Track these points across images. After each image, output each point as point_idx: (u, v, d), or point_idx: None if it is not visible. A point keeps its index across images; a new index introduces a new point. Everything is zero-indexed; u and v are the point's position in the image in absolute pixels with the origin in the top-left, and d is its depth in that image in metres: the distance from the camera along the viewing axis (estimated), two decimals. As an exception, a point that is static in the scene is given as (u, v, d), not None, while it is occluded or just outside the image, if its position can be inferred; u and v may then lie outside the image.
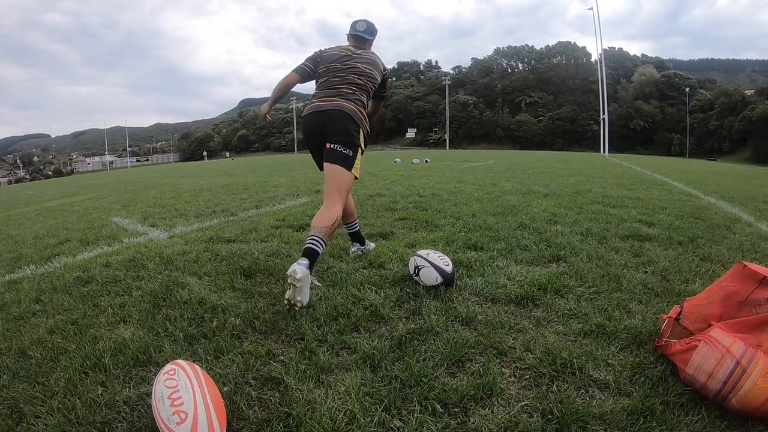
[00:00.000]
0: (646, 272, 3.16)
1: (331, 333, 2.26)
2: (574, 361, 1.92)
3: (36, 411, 1.73)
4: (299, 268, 2.49)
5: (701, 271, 3.12)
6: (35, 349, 2.24)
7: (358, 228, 3.71)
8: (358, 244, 3.73)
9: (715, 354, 1.65)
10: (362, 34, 3.45)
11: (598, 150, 44.18)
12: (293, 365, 1.97)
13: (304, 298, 2.53)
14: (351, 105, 3.12)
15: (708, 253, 3.57)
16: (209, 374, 1.79)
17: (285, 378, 1.86)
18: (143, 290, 3.01)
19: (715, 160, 55.87)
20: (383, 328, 2.33)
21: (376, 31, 3.52)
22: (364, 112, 3.22)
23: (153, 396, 1.56)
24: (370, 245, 3.82)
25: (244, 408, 1.70)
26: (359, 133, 3.14)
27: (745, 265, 1.90)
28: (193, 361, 1.90)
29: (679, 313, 2.02)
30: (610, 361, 1.95)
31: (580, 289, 2.78)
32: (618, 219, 4.96)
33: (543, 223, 4.72)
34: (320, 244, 2.79)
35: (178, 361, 1.72)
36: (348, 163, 3.10)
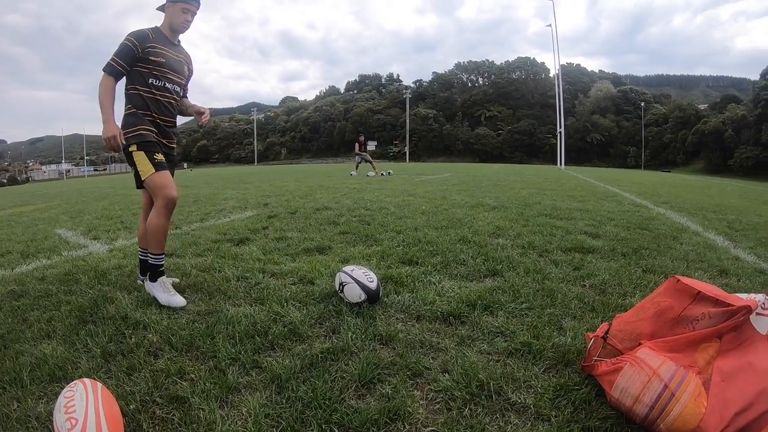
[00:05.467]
0: (584, 286, 3.11)
1: (245, 351, 2.18)
2: (492, 383, 1.83)
3: (-49, 425, 1.69)
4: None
5: (642, 284, 3.09)
6: (-41, 364, 2.16)
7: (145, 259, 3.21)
8: (144, 278, 3.21)
9: (641, 376, 1.56)
10: None
11: (556, 163, 45.00)
12: (201, 384, 1.91)
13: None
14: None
15: (651, 265, 3.58)
16: (118, 391, 1.85)
17: (191, 397, 1.81)
18: (72, 305, 2.93)
19: (669, 171, 57.67)
20: (299, 346, 2.26)
21: None
22: (127, 118, 3.07)
23: (55, 407, 1.63)
24: (157, 284, 3.04)
25: (145, 427, 1.66)
26: (127, 142, 2.99)
27: (678, 280, 1.81)
28: (105, 379, 1.97)
29: (607, 331, 1.91)
30: (532, 382, 1.87)
31: (511, 305, 2.70)
32: (563, 231, 4.95)
33: (485, 237, 4.67)
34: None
35: (84, 379, 1.74)
36: (137, 179, 3.04)
